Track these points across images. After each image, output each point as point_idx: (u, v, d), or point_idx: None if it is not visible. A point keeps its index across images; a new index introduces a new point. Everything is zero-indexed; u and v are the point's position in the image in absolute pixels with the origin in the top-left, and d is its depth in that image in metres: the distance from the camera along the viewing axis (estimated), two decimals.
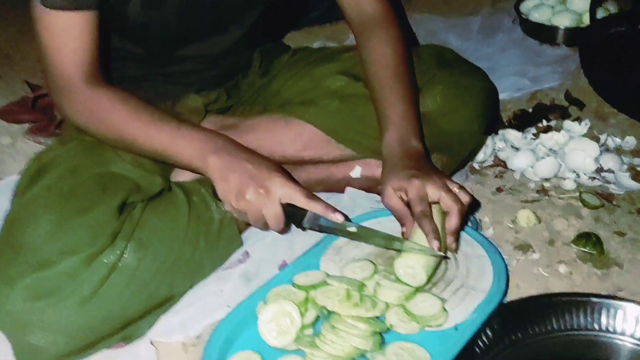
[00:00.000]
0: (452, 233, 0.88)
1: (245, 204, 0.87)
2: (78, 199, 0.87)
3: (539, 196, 1.15)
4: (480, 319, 0.81)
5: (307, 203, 0.87)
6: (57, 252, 0.82)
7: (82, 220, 0.84)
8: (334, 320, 0.79)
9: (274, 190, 0.86)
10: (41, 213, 0.85)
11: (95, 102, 0.91)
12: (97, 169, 0.93)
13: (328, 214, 0.87)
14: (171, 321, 0.90)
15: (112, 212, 0.87)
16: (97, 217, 0.85)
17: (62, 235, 0.83)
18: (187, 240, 0.93)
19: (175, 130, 0.91)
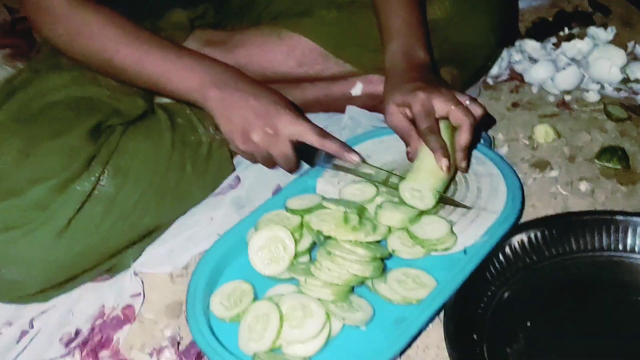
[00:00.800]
0: (462, 149, 0.79)
1: (253, 145, 0.80)
2: (48, 123, 0.79)
3: (558, 110, 1.05)
4: (492, 242, 0.74)
5: (319, 142, 0.79)
6: (25, 179, 0.74)
7: (52, 145, 0.76)
8: (330, 246, 0.72)
9: (283, 129, 0.79)
10: (8, 138, 0.77)
11: (82, 24, 0.80)
12: (71, 92, 0.85)
13: (343, 155, 0.79)
14: (158, 251, 0.84)
15: (85, 135, 0.79)
16: (69, 142, 0.77)
17: (31, 162, 0.75)
18: (172, 166, 0.85)
19: (173, 58, 0.81)
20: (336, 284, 0.69)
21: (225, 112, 0.80)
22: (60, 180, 0.75)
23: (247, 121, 0.79)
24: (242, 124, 0.79)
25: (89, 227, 0.77)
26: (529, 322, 0.69)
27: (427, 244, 0.74)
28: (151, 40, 0.82)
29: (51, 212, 0.74)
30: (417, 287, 0.71)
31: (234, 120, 0.80)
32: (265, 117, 0.79)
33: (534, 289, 0.73)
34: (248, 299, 0.71)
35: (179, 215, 0.88)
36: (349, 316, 0.68)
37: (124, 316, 0.77)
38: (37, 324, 0.78)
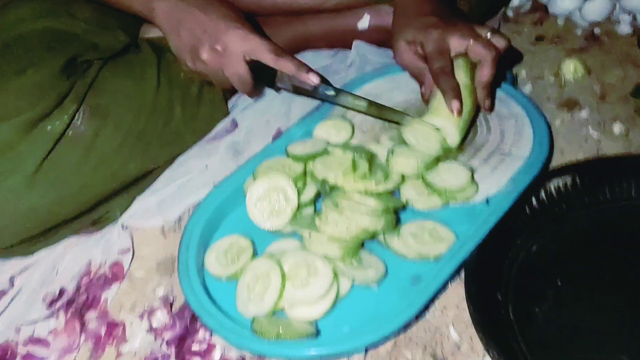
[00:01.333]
0: (484, 86, 0.71)
1: (203, 64, 0.72)
2: (14, 58, 0.70)
3: (587, 44, 0.95)
4: (517, 191, 0.66)
5: (274, 61, 0.71)
6: None
7: (18, 81, 0.67)
8: (337, 197, 0.64)
9: (234, 46, 0.71)
10: None
11: None
12: (42, 23, 0.75)
13: (300, 75, 0.70)
14: (147, 203, 0.77)
15: (56, 70, 0.70)
16: (37, 77, 0.68)
17: None
18: (158, 108, 0.76)
19: None
20: (344, 238, 0.62)
21: (173, 26, 0.73)
22: (27, 119, 0.66)
23: (196, 37, 0.72)
24: (190, 40, 0.72)
25: (65, 172, 0.69)
26: (559, 280, 0.62)
27: (445, 194, 0.66)
28: None
29: (18, 155, 0.66)
30: (434, 242, 0.64)
31: (182, 37, 0.73)
32: (213, 33, 0.71)
33: (564, 243, 0.66)
34: (246, 256, 0.64)
35: (169, 162, 0.81)
36: (358, 275, 0.61)
37: (112, 274, 0.71)
38: (17, 282, 0.71)
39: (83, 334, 0.65)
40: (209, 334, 0.62)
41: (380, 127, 0.76)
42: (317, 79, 0.71)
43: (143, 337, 0.63)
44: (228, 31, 0.70)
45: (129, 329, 0.65)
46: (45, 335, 0.65)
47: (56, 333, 0.65)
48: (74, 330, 0.65)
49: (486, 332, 0.56)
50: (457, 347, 0.60)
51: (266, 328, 0.55)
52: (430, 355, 0.59)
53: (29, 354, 0.64)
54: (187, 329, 0.63)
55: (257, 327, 0.56)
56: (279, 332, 0.55)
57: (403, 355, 0.59)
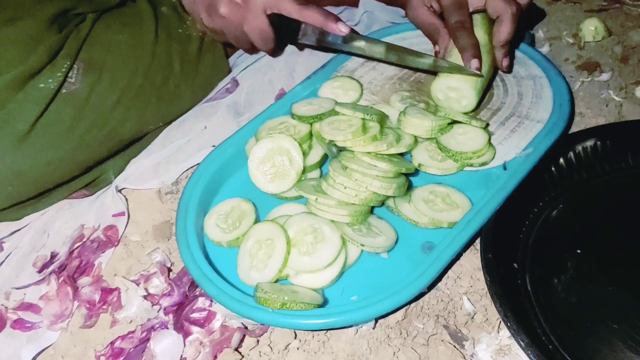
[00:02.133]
0: (502, 45, 0.66)
1: (220, 20, 0.67)
2: (2, 8, 0.65)
3: (607, 4, 0.90)
4: (536, 156, 0.62)
5: (299, 12, 0.66)
6: None
7: (6, 32, 0.62)
8: (345, 159, 0.60)
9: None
10: None
11: None
12: None
13: (328, 25, 0.65)
14: (143, 165, 0.73)
15: (47, 22, 0.65)
16: (27, 29, 0.63)
17: None
18: (155, 63, 0.72)
19: None
20: (353, 203, 0.59)
21: None
22: (17, 74, 0.61)
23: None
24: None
25: (58, 132, 0.65)
26: (579, 249, 0.59)
27: (461, 157, 0.62)
28: None
29: (8, 114, 0.62)
30: (447, 208, 0.60)
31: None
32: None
33: (584, 211, 0.62)
34: (249, 221, 0.61)
35: (167, 122, 0.76)
36: (368, 241, 0.57)
37: (106, 238, 0.67)
38: (7, 245, 0.68)
39: (76, 299, 0.62)
40: (209, 302, 0.59)
41: (390, 88, 0.72)
42: (347, 28, 0.66)
43: (139, 304, 0.60)
44: None
45: (124, 295, 0.61)
46: (37, 300, 0.62)
47: (47, 298, 0.62)
48: (66, 296, 0.62)
49: (503, 303, 0.53)
50: (471, 318, 0.56)
51: (270, 296, 0.52)
52: (442, 326, 0.56)
53: (20, 320, 0.61)
54: (185, 296, 0.60)
55: (261, 295, 0.52)
56: (284, 300, 0.52)
57: (414, 325, 0.56)
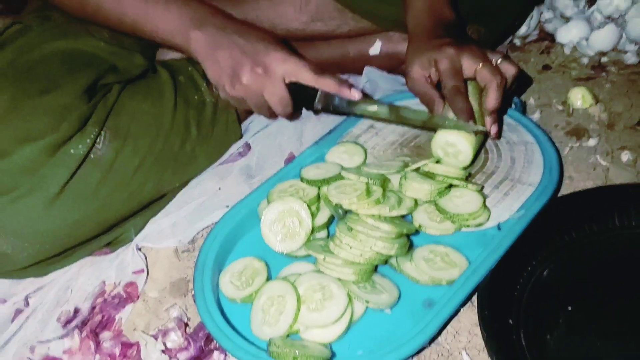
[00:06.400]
0: (490, 113, 0.72)
1: (243, 88, 0.72)
2: (37, 78, 0.72)
3: (594, 73, 0.97)
4: (528, 217, 0.67)
5: (316, 80, 0.71)
6: (11, 139, 0.67)
7: (41, 102, 0.69)
8: (351, 221, 0.65)
9: (275, 67, 0.71)
10: None
11: None
12: (62, 44, 0.77)
13: (342, 91, 0.71)
14: (161, 224, 0.78)
15: (78, 93, 0.71)
16: (60, 99, 0.70)
17: (17, 120, 0.68)
18: (174, 128, 0.78)
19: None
20: (358, 262, 0.63)
21: (211, 53, 0.73)
22: (51, 141, 0.67)
23: (235, 61, 0.72)
24: (229, 65, 0.72)
25: (85, 194, 0.70)
26: (570, 306, 0.63)
27: (458, 219, 0.67)
28: None
29: (41, 177, 0.67)
30: (446, 267, 0.65)
31: (220, 62, 0.73)
32: (254, 56, 0.72)
33: (574, 269, 0.67)
34: (261, 278, 0.65)
35: (183, 183, 0.82)
36: (372, 298, 0.62)
37: (126, 294, 0.71)
38: (32, 301, 0.72)
39: (97, 353, 0.66)
40: (224, 356, 0.63)
41: (392, 152, 0.78)
42: (359, 93, 0.72)
43: (158, 358, 0.64)
44: (268, 53, 0.71)
45: (144, 349, 0.65)
46: (60, 354, 0.66)
47: (71, 352, 0.66)
48: (88, 350, 0.66)
49: (500, 357, 0.57)
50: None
51: (283, 350, 0.56)
52: None
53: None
54: (201, 350, 0.64)
55: (274, 349, 0.56)
56: (295, 354, 0.56)
57: None
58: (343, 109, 0.73)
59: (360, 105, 0.72)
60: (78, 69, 0.74)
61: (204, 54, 0.72)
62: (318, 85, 0.72)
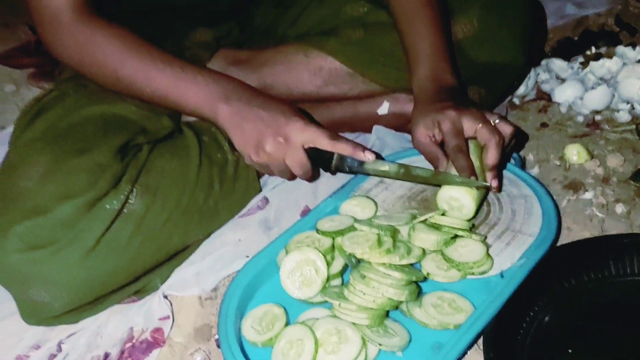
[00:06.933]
0: (490, 169, 0.77)
1: (266, 156, 0.79)
2: (75, 140, 0.79)
3: (589, 130, 1.03)
4: (529, 265, 0.72)
5: (332, 145, 0.78)
6: (51, 196, 0.73)
7: (78, 161, 0.76)
8: (364, 269, 0.70)
9: (294, 136, 0.78)
10: (34, 155, 0.77)
11: (88, 37, 0.81)
12: (98, 109, 0.84)
13: (357, 154, 0.78)
14: (186, 273, 0.83)
15: (112, 153, 0.78)
16: (96, 159, 0.77)
17: (57, 178, 0.74)
18: (199, 184, 0.84)
19: (179, 73, 0.81)
20: (371, 308, 0.68)
21: (237, 125, 0.80)
22: (88, 198, 0.74)
23: (259, 132, 0.79)
24: (254, 135, 0.79)
25: (118, 246, 0.76)
26: (571, 349, 0.67)
27: (463, 267, 0.72)
28: (158, 55, 0.82)
29: (78, 231, 0.73)
30: (453, 312, 0.69)
31: (246, 133, 0.79)
32: (275, 127, 0.78)
33: (574, 315, 0.71)
34: (280, 323, 0.70)
35: (206, 235, 0.87)
36: (385, 341, 0.66)
37: (153, 339, 0.76)
38: (65, 347, 0.77)
39: None
40: None
41: (401, 205, 0.84)
42: (373, 156, 0.78)
43: None
44: (288, 124, 0.78)
45: None
46: None
47: None
48: None
49: None
50: None
51: None
52: None
53: None
54: None
55: None
56: None
57: None
58: (357, 169, 0.79)
59: (372, 165, 0.79)
60: (112, 131, 0.81)
61: (231, 125, 0.80)
62: (334, 150, 0.78)
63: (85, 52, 0.81)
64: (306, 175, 0.81)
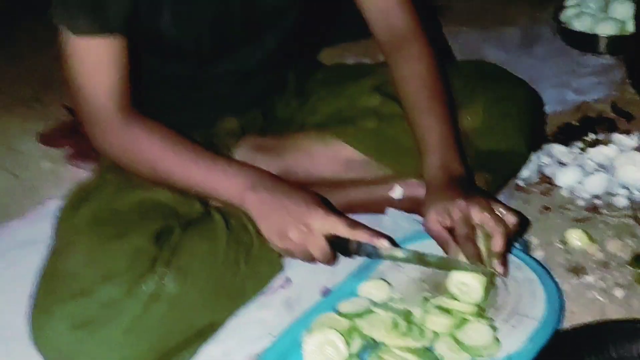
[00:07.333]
0: (497, 256, 0.84)
1: (290, 243, 0.86)
2: (116, 225, 0.87)
3: (589, 214, 1.10)
4: (535, 348, 0.77)
5: (350, 233, 0.85)
6: (95, 279, 0.81)
7: (120, 245, 0.84)
8: (381, 351, 0.76)
9: (316, 225, 0.85)
10: (80, 240, 0.86)
11: (129, 135, 0.90)
12: (135, 196, 0.93)
13: (373, 241, 0.85)
14: (213, 351, 0.88)
15: (149, 238, 0.86)
16: (135, 243, 0.85)
17: (101, 261, 0.83)
18: (227, 265, 0.91)
19: (211, 165, 0.90)
20: None
21: (263, 214, 0.87)
22: (127, 280, 0.81)
23: (283, 221, 0.86)
24: (279, 224, 0.86)
25: (152, 325, 0.82)
26: None
27: (473, 351, 0.78)
28: (192, 149, 0.91)
29: (118, 311, 0.80)
30: None
31: (271, 221, 0.87)
32: (299, 216, 0.85)
33: None
34: None
35: (232, 313, 0.93)
36: None
37: None
38: None
39: None
40: None
41: (415, 288, 0.90)
42: (388, 243, 0.85)
43: None
44: (310, 213, 0.85)
45: None
46: None
47: None
48: None
49: None
50: None
51: None
52: None
53: None
54: None
55: None
56: None
57: None
58: (373, 254, 0.86)
59: (387, 252, 0.86)
60: (148, 216, 0.90)
61: (257, 214, 0.87)
62: (353, 238, 0.85)
63: (127, 149, 0.91)
64: (326, 260, 0.88)
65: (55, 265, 0.84)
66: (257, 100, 1.14)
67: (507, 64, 1.59)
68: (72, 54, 0.88)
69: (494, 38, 1.80)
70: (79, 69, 0.89)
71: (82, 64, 0.88)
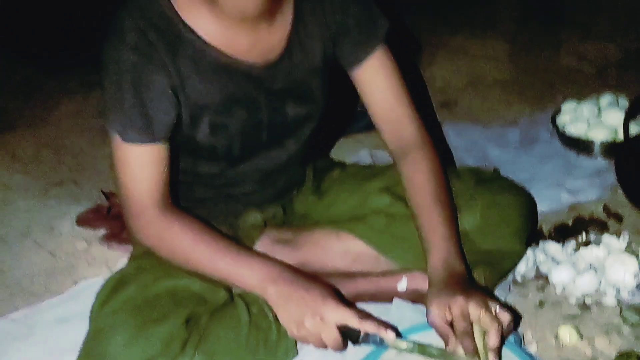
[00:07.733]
0: (492, 351, 0.93)
1: (306, 331, 0.96)
2: (152, 311, 0.98)
3: (580, 312, 1.19)
4: None
5: (360, 324, 0.95)
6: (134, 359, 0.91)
7: (155, 330, 0.94)
8: None
9: (329, 316, 0.95)
10: (120, 324, 0.96)
11: (165, 229, 1.03)
12: (168, 283, 1.04)
13: (380, 332, 0.94)
14: None
15: (181, 323, 0.97)
16: (169, 328, 0.95)
17: (139, 345, 0.93)
18: (248, 348, 1.01)
19: (236, 258, 1.02)
20: None
21: (282, 304, 0.98)
22: None
23: (300, 311, 0.96)
24: (296, 314, 0.96)
25: None
26: None
27: None
28: (221, 242, 1.03)
29: None
30: None
31: (289, 311, 0.97)
32: (314, 307, 0.95)
33: None
34: None
35: None
36: None
37: None
38: None
39: None
40: None
41: None
42: (393, 334, 0.94)
43: None
44: (324, 305, 0.95)
45: None
46: None
47: None
48: None
49: None
50: None
51: None
52: None
53: None
54: None
55: None
56: None
57: None
58: (380, 344, 0.96)
59: (392, 342, 0.95)
60: (180, 303, 1.01)
61: (277, 304, 0.98)
62: (362, 329, 0.95)
63: (163, 239, 1.03)
64: (338, 348, 0.97)
65: (96, 348, 0.94)
66: (278, 195, 1.28)
67: (508, 161, 1.75)
68: (120, 157, 1.02)
69: (496, 135, 1.94)
70: (125, 169, 1.03)
71: (129, 166, 1.02)
